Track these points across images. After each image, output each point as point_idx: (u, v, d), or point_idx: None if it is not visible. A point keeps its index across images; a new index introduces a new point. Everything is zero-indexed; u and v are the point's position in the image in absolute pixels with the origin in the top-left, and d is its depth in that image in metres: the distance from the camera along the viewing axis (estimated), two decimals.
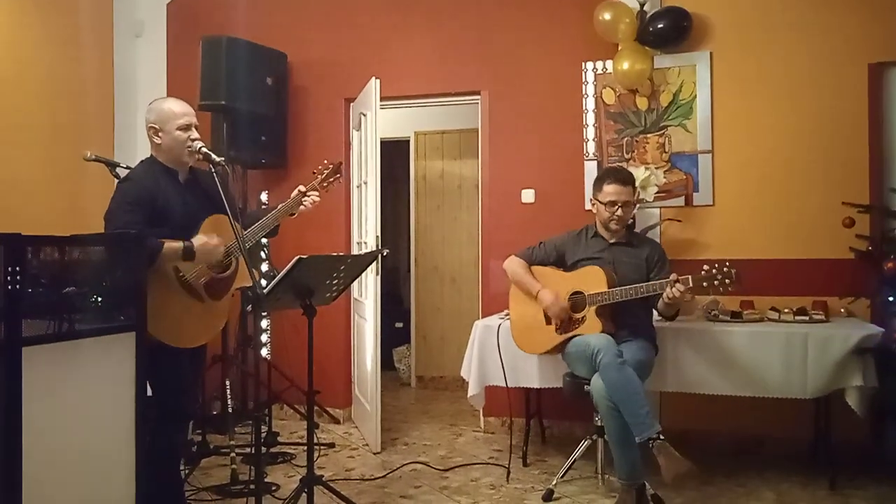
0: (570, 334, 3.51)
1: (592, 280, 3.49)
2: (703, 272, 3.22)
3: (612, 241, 3.64)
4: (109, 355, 2.40)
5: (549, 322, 3.60)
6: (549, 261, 3.72)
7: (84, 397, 2.30)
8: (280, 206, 3.14)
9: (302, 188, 3.18)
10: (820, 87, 4.15)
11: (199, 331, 2.91)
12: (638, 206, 4.10)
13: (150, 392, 2.67)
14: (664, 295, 3.26)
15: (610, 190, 3.57)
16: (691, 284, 3.21)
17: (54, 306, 2.25)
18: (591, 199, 3.75)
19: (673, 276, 3.25)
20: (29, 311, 2.14)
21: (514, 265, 3.75)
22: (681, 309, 3.66)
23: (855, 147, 4.09)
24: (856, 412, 3.43)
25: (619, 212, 3.56)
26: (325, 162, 3.31)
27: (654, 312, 3.60)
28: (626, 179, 3.61)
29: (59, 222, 4.30)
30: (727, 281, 3.18)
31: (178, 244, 2.76)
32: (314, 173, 3.27)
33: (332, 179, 3.27)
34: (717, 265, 3.21)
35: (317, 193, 3.19)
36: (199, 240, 2.82)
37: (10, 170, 4.31)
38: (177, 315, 2.79)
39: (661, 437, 3.06)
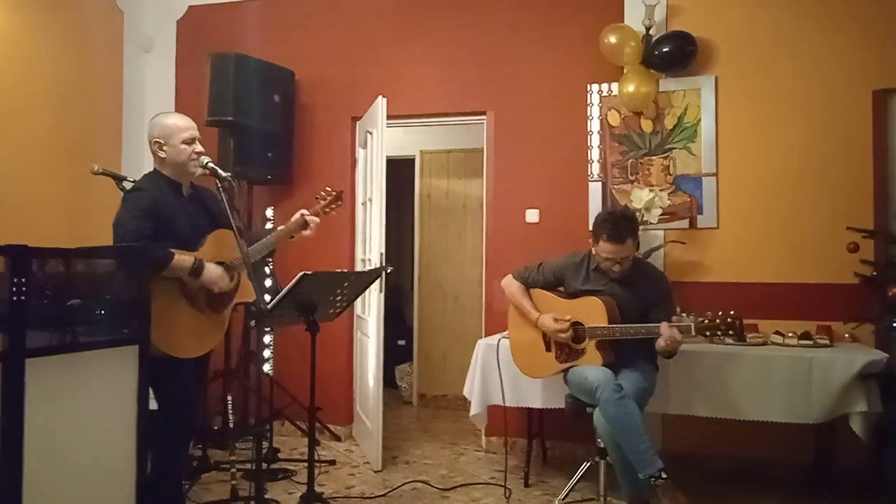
0: (570, 364, 3.51)
1: (592, 312, 3.45)
2: (706, 321, 3.24)
3: (613, 276, 3.51)
4: (112, 368, 2.40)
5: (548, 349, 3.59)
6: (548, 285, 3.69)
7: (86, 410, 2.31)
8: (281, 227, 3.17)
9: (305, 212, 3.20)
10: (824, 113, 4.17)
11: (197, 342, 2.89)
12: (641, 230, 4.09)
13: (154, 406, 2.67)
14: (661, 340, 3.24)
15: (605, 248, 3.42)
16: (693, 333, 3.22)
17: (58, 318, 2.26)
18: (591, 241, 3.56)
19: (688, 320, 3.23)
20: (33, 323, 2.15)
21: (511, 287, 3.74)
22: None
23: (859, 172, 4.10)
24: (859, 437, 3.41)
25: (616, 267, 3.45)
26: (328, 189, 3.35)
27: None
28: (622, 238, 3.39)
29: (65, 234, 4.32)
30: (730, 332, 3.24)
31: (189, 259, 2.77)
32: (316, 199, 3.31)
33: (333, 206, 3.31)
34: (721, 314, 3.23)
35: (317, 219, 3.22)
36: (213, 270, 2.83)
37: (19, 181, 4.34)
38: (175, 324, 2.77)
39: (664, 475, 3.05)
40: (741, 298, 3.36)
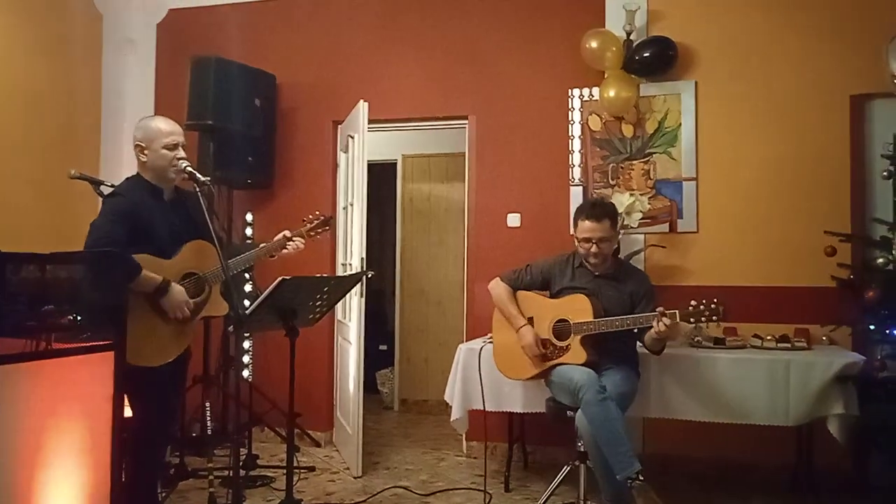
0: (553, 362, 3.51)
1: (578, 308, 3.48)
2: (690, 307, 3.24)
3: (597, 272, 3.59)
4: (87, 375, 2.37)
5: None
6: (535, 285, 3.72)
7: (61, 417, 2.27)
8: (263, 245, 3.13)
9: (287, 233, 3.17)
10: (803, 118, 4.21)
11: (158, 351, 2.79)
12: (622, 233, 4.12)
13: (128, 412, 2.64)
14: (653, 329, 3.25)
15: (584, 227, 3.51)
16: (678, 320, 3.22)
17: (32, 324, 2.22)
18: (573, 234, 3.66)
19: (660, 310, 3.25)
20: (6, 329, 2.11)
21: (498, 290, 3.74)
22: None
23: (837, 177, 4.14)
24: (837, 440, 3.44)
25: (594, 248, 3.49)
26: (317, 212, 3.33)
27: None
28: (601, 215, 3.51)
29: (43, 239, 4.25)
30: (714, 317, 3.22)
31: (157, 279, 2.73)
32: (304, 221, 3.28)
33: (320, 230, 3.29)
34: (704, 301, 3.23)
35: (302, 240, 3.19)
36: (177, 295, 2.78)
37: None
38: (139, 333, 2.66)
39: (641, 477, 3.06)
40: (719, 300, 3.39)
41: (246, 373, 4.87)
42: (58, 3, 4.84)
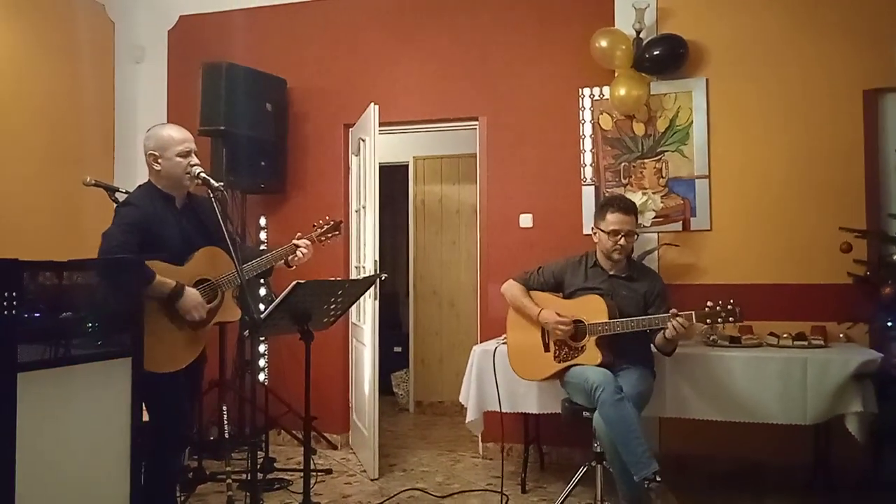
0: (568, 363, 3.50)
1: (593, 309, 3.47)
2: (706, 308, 3.23)
3: (611, 272, 3.60)
4: (105, 381, 2.39)
5: (547, 349, 3.59)
6: (548, 287, 3.71)
7: (79, 423, 2.30)
8: (276, 250, 3.16)
9: (297, 241, 3.18)
10: (815, 114, 4.18)
11: (171, 357, 2.80)
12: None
13: (146, 417, 2.66)
14: (665, 331, 3.24)
15: (613, 219, 3.54)
16: (694, 321, 3.21)
17: (50, 331, 2.25)
18: (592, 228, 3.70)
19: (673, 311, 3.24)
20: (25, 337, 2.14)
21: (512, 289, 3.74)
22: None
23: (851, 173, 4.11)
24: (856, 438, 3.41)
25: (622, 241, 3.52)
26: (327, 217, 3.35)
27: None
28: (629, 208, 3.57)
29: (57, 246, 4.30)
30: (731, 319, 3.22)
31: (171, 283, 2.73)
32: (314, 226, 3.31)
33: (330, 235, 3.31)
34: (720, 302, 3.22)
35: (310, 244, 3.20)
36: (191, 297, 2.79)
37: (10, 193, 4.33)
38: (152, 339, 2.66)
39: (658, 478, 3.05)
40: (735, 300, 3.38)
41: (262, 376, 4.89)
42: (69, 11, 4.89)
